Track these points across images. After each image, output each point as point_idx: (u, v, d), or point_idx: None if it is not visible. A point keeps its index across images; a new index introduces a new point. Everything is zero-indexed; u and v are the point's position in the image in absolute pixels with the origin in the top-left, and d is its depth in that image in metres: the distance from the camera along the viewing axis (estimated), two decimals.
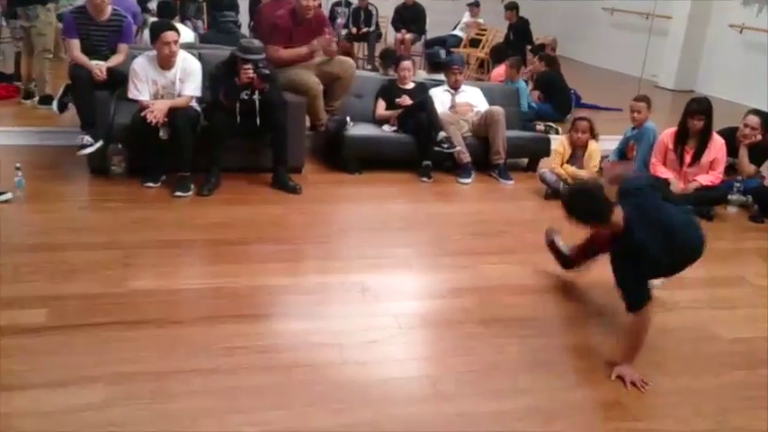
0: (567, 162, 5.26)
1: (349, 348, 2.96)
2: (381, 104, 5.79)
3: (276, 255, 3.86)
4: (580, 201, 2.95)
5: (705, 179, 5.07)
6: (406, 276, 3.82)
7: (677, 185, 5.09)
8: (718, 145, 5.12)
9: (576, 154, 5.27)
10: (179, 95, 4.78)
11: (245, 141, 5.00)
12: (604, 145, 5.62)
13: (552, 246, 3.80)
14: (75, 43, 4.99)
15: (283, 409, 2.52)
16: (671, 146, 5.19)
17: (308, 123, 5.56)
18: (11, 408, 2.41)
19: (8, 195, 4.27)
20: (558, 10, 13.26)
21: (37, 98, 6.48)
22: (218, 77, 4.83)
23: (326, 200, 4.94)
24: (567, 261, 3.74)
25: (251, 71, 4.69)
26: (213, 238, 4.03)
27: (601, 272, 3.94)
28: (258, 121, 4.82)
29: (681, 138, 5.15)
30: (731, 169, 5.30)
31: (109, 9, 5.07)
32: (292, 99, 5.17)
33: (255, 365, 2.77)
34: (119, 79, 4.88)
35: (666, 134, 5.26)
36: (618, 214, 2.85)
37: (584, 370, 2.95)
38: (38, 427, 2.32)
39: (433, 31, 10.91)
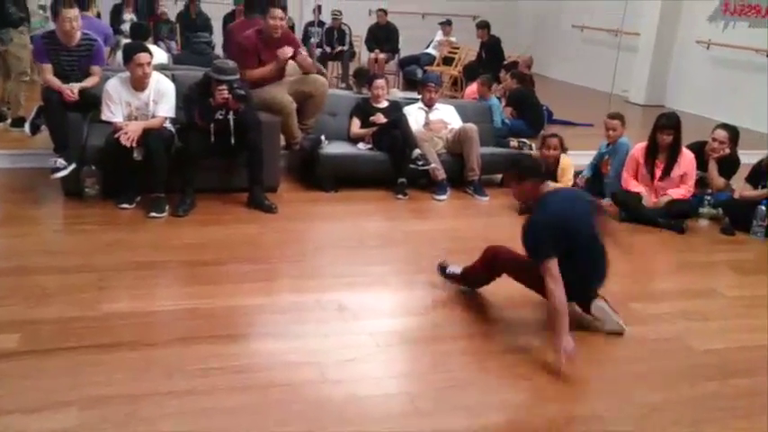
0: None
1: (326, 367, 2.95)
2: (356, 123, 5.83)
3: (252, 274, 3.84)
4: (525, 160, 3.78)
5: (676, 193, 5.17)
6: (383, 294, 3.83)
7: (649, 199, 5.18)
8: (687, 159, 5.23)
9: (549, 170, 5.33)
10: (153, 116, 4.76)
11: (220, 161, 4.99)
12: (577, 160, 5.70)
13: (447, 275, 3.80)
14: (48, 67, 4.96)
15: (260, 429, 2.51)
16: (642, 160, 5.28)
17: (282, 142, 5.57)
18: None
19: None
20: (529, 27, 13.48)
21: (9, 120, 6.42)
22: (193, 98, 4.83)
23: (302, 218, 4.94)
24: (467, 279, 3.73)
25: (226, 92, 4.70)
26: (188, 259, 4.01)
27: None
28: (233, 140, 4.82)
29: (651, 152, 5.24)
30: (701, 183, 5.40)
31: (78, 35, 5.04)
32: (266, 118, 5.18)
33: (231, 386, 2.75)
34: (92, 101, 4.86)
35: (637, 149, 5.35)
36: (544, 186, 3.37)
37: (560, 383, 2.96)
38: None
39: (406, 50, 11.02)
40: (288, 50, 5.45)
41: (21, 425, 2.42)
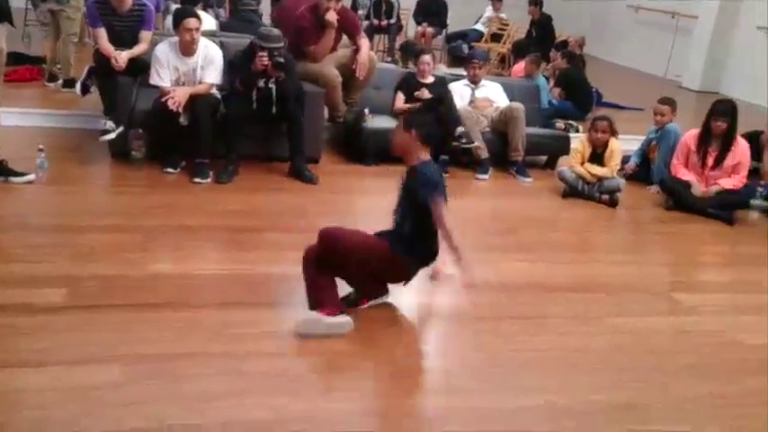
0: (588, 161, 5.22)
1: (359, 338, 2.96)
2: (400, 97, 5.78)
3: (291, 243, 3.82)
4: (427, 118, 3.18)
5: (727, 183, 5.02)
6: (421, 271, 3.80)
7: (698, 188, 5.04)
8: (742, 148, 5.07)
9: (597, 153, 5.22)
10: (200, 82, 4.80)
11: (262, 129, 5.01)
12: (625, 145, 5.57)
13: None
14: (102, 32, 4.98)
15: (293, 395, 2.54)
16: (693, 148, 5.13)
17: (326, 114, 5.56)
18: (28, 384, 2.44)
19: (31, 176, 4.31)
20: (582, 6, 13.15)
21: (61, 81, 6.53)
22: (236, 65, 4.86)
23: (343, 190, 4.94)
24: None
25: (266, 58, 4.70)
26: (230, 225, 4.05)
27: (619, 276, 3.93)
28: (274, 109, 4.83)
29: (704, 140, 5.09)
30: (754, 173, 5.24)
31: (130, 1, 5.07)
32: (311, 89, 5.18)
33: (267, 351, 2.78)
34: (141, 66, 4.90)
35: (689, 136, 5.21)
36: (425, 153, 3.09)
37: (598, 370, 2.92)
38: (55, 403, 2.35)
39: (454, 25, 10.85)
40: (333, 15, 5.40)
41: (65, 377, 2.49)
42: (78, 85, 5.77)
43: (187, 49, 4.75)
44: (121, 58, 4.79)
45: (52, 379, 2.47)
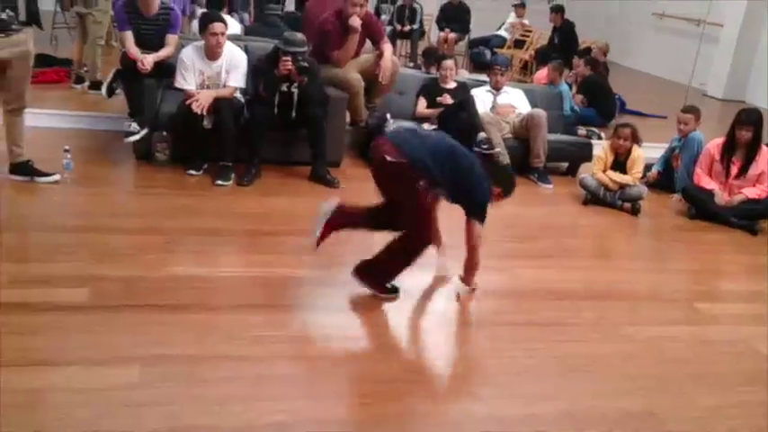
0: (610, 168, 5.19)
1: (379, 343, 2.97)
2: (422, 103, 5.79)
3: (309, 247, 3.88)
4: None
5: (751, 192, 4.96)
6: (441, 276, 3.81)
7: (722, 197, 4.99)
8: (766, 158, 5.00)
9: (619, 160, 5.19)
10: (224, 86, 4.85)
11: (285, 134, 5.04)
12: (648, 152, 5.53)
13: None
14: (129, 35, 5.05)
15: (310, 399, 2.55)
16: (717, 156, 5.08)
17: (348, 119, 5.58)
18: (45, 382, 2.47)
19: (56, 177, 4.38)
20: (606, 13, 13.06)
21: (87, 83, 6.64)
22: (260, 70, 4.90)
23: (363, 195, 4.92)
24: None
25: (290, 63, 4.74)
26: (251, 228, 4.09)
27: (639, 283, 3.91)
28: (294, 113, 4.87)
29: (728, 149, 5.04)
30: None
31: (157, 3, 5.14)
32: (334, 94, 5.20)
33: (284, 355, 2.80)
34: (166, 69, 4.96)
35: (713, 144, 5.15)
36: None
37: (616, 378, 2.91)
38: (74, 403, 2.38)
39: (477, 31, 10.84)
40: (356, 20, 5.42)
41: (84, 377, 2.52)
42: (104, 88, 5.84)
43: (213, 52, 4.81)
44: (147, 61, 4.85)
45: (71, 379, 2.50)
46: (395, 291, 3.37)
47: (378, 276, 3.36)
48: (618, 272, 4.08)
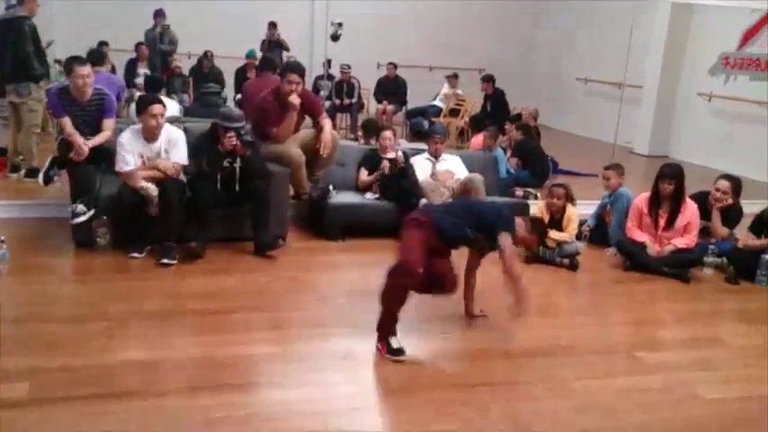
0: (547, 227, 5.37)
1: (332, 416, 2.96)
2: (364, 173, 5.92)
3: (260, 323, 3.88)
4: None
5: (680, 242, 5.20)
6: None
7: (653, 248, 5.21)
8: (691, 209, 5.28)
9: (555, 218, 5.39)
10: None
11: (228, 210, 5.07)
12: (582, 209, 5.75)
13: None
14: (67, 121, 5.04)
15: None
16: (645, 210, 5.33)
17: (291, 192, 5.66)
18: None
19: None
20: (534, 80, 13.72)
21: (23, 171, 6.55)
22: (201, 147, 4.96)
23: (310, 267, 4.98)
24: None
25: (234, 138, 4.83)
26: (197, 308, 4.05)
27: (581, 338, 4.01)
28: (237, 187, 4.92)
29: (654, 202, 5.30)
30: (705, 232, 5.44)
31: (90, 90, 5.17)
32: (276, 169, 5.28)
33: None
34: (104, 154, 4.97)
35: (641, 199, 5.42)
36: None
37: None
38: None
39: (413, 102, 11.23)
40: (296, 98, 5.56)
41: None
42: (41, 175, 5.79)
43: (151, 134, 4.85)
44: (83, 150, 4.86)
45: None
46: (400, 352, 3.47)
47: (380, 327, 3.54)
48: (561, 329, 4.18)
